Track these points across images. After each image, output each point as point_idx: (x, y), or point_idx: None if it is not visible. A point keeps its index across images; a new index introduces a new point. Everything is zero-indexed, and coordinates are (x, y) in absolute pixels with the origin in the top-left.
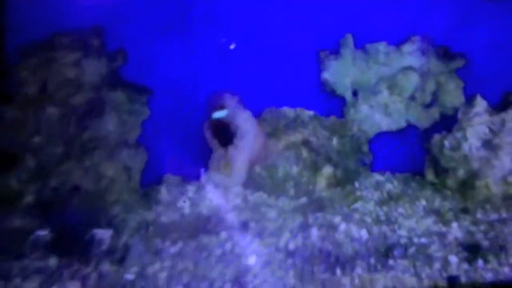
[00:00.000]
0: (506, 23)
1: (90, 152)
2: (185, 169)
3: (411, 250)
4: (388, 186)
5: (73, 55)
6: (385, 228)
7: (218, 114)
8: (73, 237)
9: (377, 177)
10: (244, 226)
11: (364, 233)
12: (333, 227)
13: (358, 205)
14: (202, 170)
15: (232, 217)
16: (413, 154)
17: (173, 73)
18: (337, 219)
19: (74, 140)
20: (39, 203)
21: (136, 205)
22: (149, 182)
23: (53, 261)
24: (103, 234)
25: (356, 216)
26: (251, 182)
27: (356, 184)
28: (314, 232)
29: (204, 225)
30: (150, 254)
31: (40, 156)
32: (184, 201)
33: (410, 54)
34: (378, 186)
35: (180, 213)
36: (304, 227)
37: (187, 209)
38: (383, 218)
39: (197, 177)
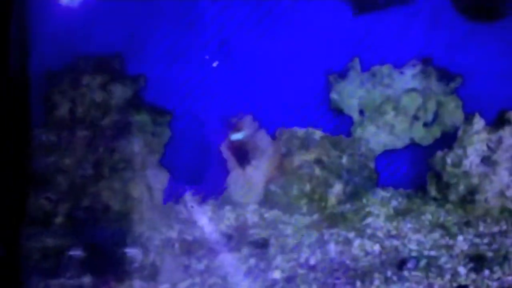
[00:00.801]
0: (499, 47)
1: (119, 173)
2: (204, 188)
3: (423, 262)
4: (394, 202)
5: (100, 79)
6: (396, 242)
7: (237, 136)
8: (106, 255)
9: (382, 193)
10: (265, 242)
11: (377, 248)
12: (348, 242)
13: (369, 220)
14: (221, 189)
15: (252, 234)
16: (416, 171)
17: (190, 96)
18: (351, 234)
19: (104, 161)
20: (71, 222)
21: (159, 223)
22: (170, 201)
23: (87, 279)
24: (134, 252)
25: (368, 231)
26: (266, 200)
27: (364, 200)
28: (332, 247)
29: (226, 242)
30: (179, 271)
31: (72, 177)
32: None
33: (413, 76)
34: (384, 202)
35: (201, 231)
36: (321, 243)
37: (208, 227)
38: (393, 232)
39: (215, 196)
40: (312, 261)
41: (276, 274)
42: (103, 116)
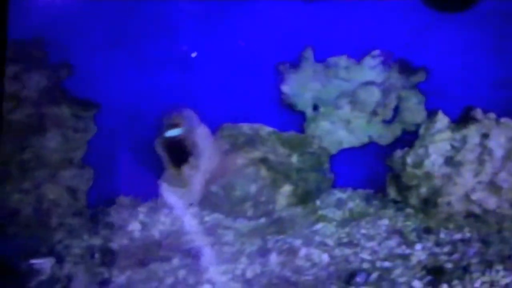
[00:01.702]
0: (465, 37)
1: (30, 172)
2: (137, 189)
3: (374, 275)
4: (350, 204)
5: (13, 67)
6: (347, 251)
7: (172, 132)
8: (8, 269)
9: (339, 194)
10: (199, 251)
11: (325, 257)
12: (293, 252)
13: (319, 226)
14: (156, 190)
15: (186, 241)
16: (374, 171)
17: (123, 87)
18: (297, 242)
19: (13, 159)
20: None
21: (81, 229)
22: (97, 204)
23: None
24: (43, 264)
25: (318, 238)
26: (207, 202)
27: (318, 203)
28: (274, 258)
29: (156, 251)
30: (95, 285)
31: None
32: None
33: (371, 69)
34: (339, 204)
35: (129, 238)
36: (263, 252)
37: (137, 233)
38: (345, 240)
39: (150, 198)
40: (249, 274)
41: None
42: (15, 109)
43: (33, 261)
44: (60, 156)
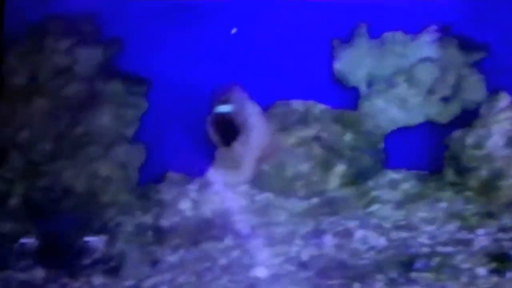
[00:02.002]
0: None
1: (83, 148)
2: (187, 166)
3: (435, 260)
4: (405, 185)
5: (66, 42)
6: (404, 234)
7: (222, 109)
8: (63, 246)
9: (392, 175)
10: (252, 231)
11: (382, 241)
12: (348, 234)
13: (374, 207)
14: (206, 168)
15: (237, 221)
16: (430, 152)
17: (174, 63)
18: (352, 224)
19: (66, 135)
20: (26, 205)
21: (133, 206)
22: (148, 180)
23: (39, 273)
24: (96, 242)
25: (374, 220)
26: (258, 182)
27: (370, 183)
28: (329, 240)
29: (208, 230)
30: (147, 264)
31: (28, 153)
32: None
33: (429, 45)
34: (393, 185)
35: (181, 216)
36: (317, 234)
37: (188, 211)
38: (402, 223)
39: (200, 175)
40: (303, 256)
41: (260, 272)
42: (67, 84)
43: (87, 238)
44: (112, 132)
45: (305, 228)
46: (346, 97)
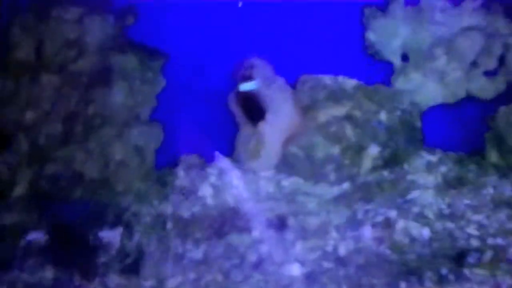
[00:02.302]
0: None
1: (95, 130)
2: (207, 148)
3: (488, 255)
4: (442, 168)
5: (75, 11)
6: (450, 225)
7: (247, 86)
8: (74, 241)
9: (428, 157)
10: (281, 222)
11: (426, 232)
12: (388, 224)
13: (414, 194)
14: (227, 150)
15: (265, 210)
16: (469, 131)
17: (191, 36)
18: (392, 213)
19: (76, 116)
20: (32, 195)
21: (150, 194)
22: (164, 164)
23: (48, 273)
24: (112, 237)
25: (414, 209)
26: (284, 165)
27: (406, 166)
28: (368, 232)
29: (232, 220)
30: (168, 260)
31: (35, 136)
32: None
33: (473, 12)
34: (430, 168)
35: (202, 204)
36: (354, 224)
37: (209, 199)
38: (446, 211)
39: (221, 158)
40: (341, 251)
41: (294, 270)
42: (77, 58)
43: (102, 233)
44: (127, 112)
45: (340, 218)
46: (379, 71)
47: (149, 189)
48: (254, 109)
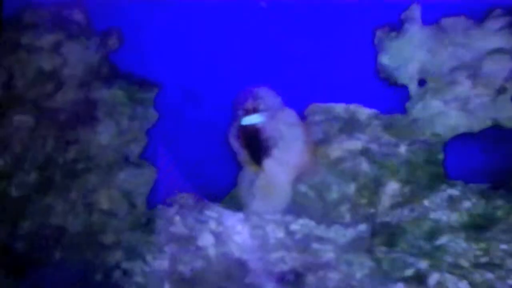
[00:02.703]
0: None
1: (77, 177)
2: (205, 189)
3: None
4: (466, 203)
5: (49, 38)
6: (489, 275)
7: (250, 119)
8: None
9: (448, 190)
10: (296, 277)
11: (465, 287)
12: (421, 278)
13: (444, 239)
14: (227, 190)
15: (276, 262)
16: (492, 160)
17: (186, 62)
18: (422, 263)
19: (54, 161)
20: (6, 259)
21: (142, 247)
22: (156, 204)
23: None
24: None
25: (447, 257)
26: (293, 206)
27: (426, 203)
28: None
29: (240, 276)
30: None
31: (5, 186)
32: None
33: (497, 32)
34: (453, 204)
35: (203, 256)
36: (381, 279)
37: (211, 249)
38: (483, 259)
39: (220, 199)
40: None
41: None
42: (53, 93)
43: None
44: (113, 153)
45: (363, 270)
46: (394, 98)
47: (141, 240)
48: (259, 145)
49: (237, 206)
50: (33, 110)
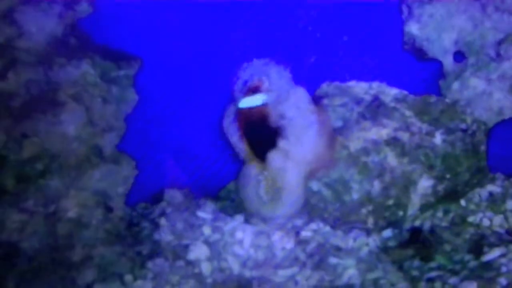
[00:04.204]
0: None
1: (35, 179)
2: (196, 185)
3: None
4: (510, 203)
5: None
6: None
7: (251, 101)
8: None
9: (489, 187)
10: None
11: None
12: None
13: (493, 254)
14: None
15: (287, 282)
16: None
17: (171, 30)
18: (470, 286)
19: (6, 159)
20: None
21: (119, 264)
22: (137, 202)
23: None
24: None
25: (500, 279)
26: (306, 207)
27: (463, 203)
28: None
29: None
30: None
31: None
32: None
33: None
34: (494, 203)
35: (194, 275)
36: None
37: (205, 265)
38: None
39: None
40: None
41: None
42: (5, 73)
43: None
44: (83, 147)
45: None
46: (425, 75)
47: (118, 255)
48: (261, 135)
49: (236, 206)
50: None
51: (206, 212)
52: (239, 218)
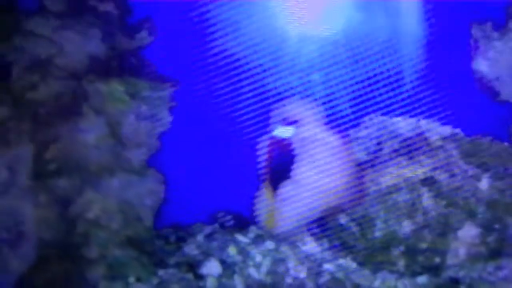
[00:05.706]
0: None
1: (55, 180)
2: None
3: None
4: None
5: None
6: None
7: (282, 131)
8: None
9: None
10: None
11: None
12: None
13: None
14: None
15: None
16: None
17: (210, 59)
18: None
19: (35, 163)
20: None
21: (132, 266)
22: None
23: None
24: None
25: None
26: (328, 239)
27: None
28: None
29: None
30: None
31: None
32: None
33: None
34: None
35: (199, 286)
36: None
37: (210, 281)
38: None
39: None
40: None
41: None
42: (37, 84)
43: None
44: (105, 156)
45: None
46: (492, 114)
47: (131, 259)
48: (280, 165)
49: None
50: (11, 103)
51: (245, 236)
52: (270, 244)
